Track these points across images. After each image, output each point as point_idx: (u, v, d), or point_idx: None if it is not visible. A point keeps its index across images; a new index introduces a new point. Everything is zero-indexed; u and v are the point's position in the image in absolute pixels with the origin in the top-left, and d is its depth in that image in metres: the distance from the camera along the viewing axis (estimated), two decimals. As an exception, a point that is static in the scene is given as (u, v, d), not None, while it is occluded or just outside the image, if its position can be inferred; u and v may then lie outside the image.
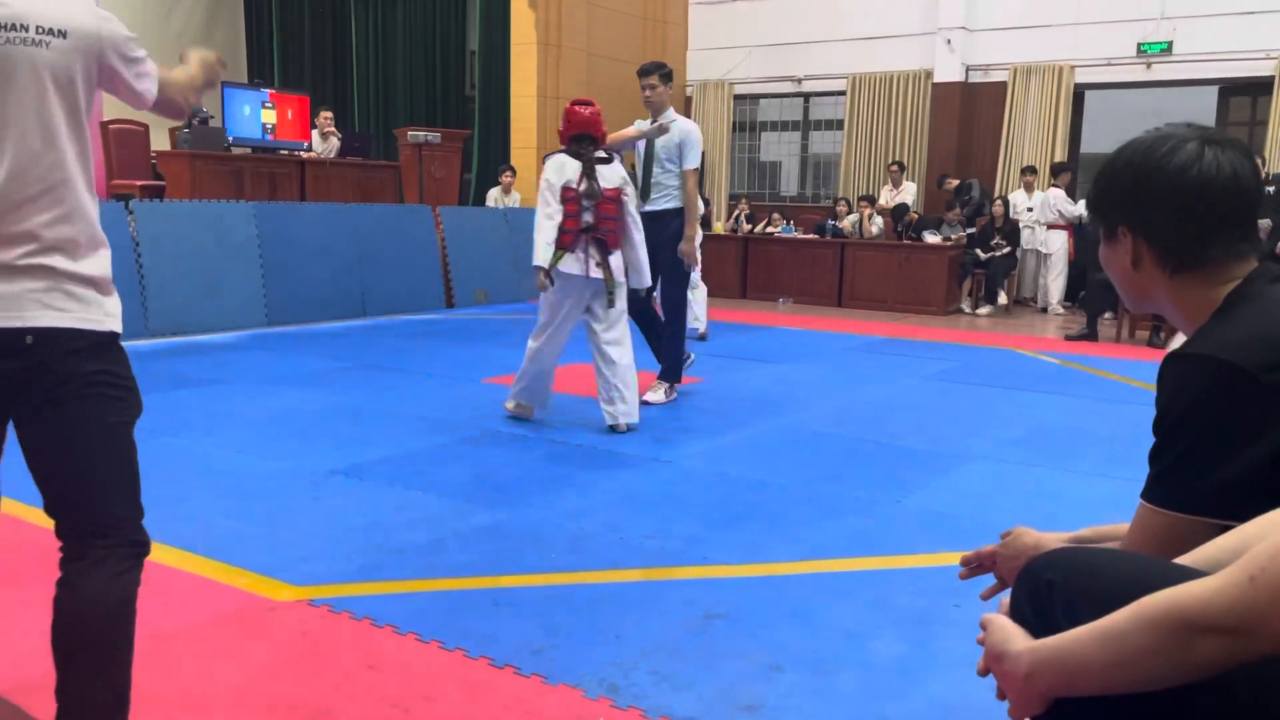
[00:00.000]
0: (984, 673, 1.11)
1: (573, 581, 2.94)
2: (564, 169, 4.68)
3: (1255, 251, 1.31)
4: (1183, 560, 1.11)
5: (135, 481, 1.78)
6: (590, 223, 4.66)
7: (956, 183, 11.56)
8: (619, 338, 4.80)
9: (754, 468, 4.23)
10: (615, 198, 4.75)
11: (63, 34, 1.66)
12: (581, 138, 4.77)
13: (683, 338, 5.69)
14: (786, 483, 4.01)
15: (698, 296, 7.86)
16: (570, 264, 4.64)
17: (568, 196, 4.63)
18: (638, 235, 4.94)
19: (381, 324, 8.58)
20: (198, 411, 4.98)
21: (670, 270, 5.53)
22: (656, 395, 5.51)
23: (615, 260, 4.76)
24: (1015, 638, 1.07)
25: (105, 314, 1.74)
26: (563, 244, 4.62)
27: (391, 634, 2.54)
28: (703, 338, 7.90)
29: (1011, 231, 10.89)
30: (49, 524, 1.78)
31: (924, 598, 2.85)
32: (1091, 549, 1.24)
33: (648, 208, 5.45)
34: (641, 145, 5.50)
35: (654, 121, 5.42)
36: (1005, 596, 1.21)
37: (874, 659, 2.47)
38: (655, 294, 5.77)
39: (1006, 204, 11.07)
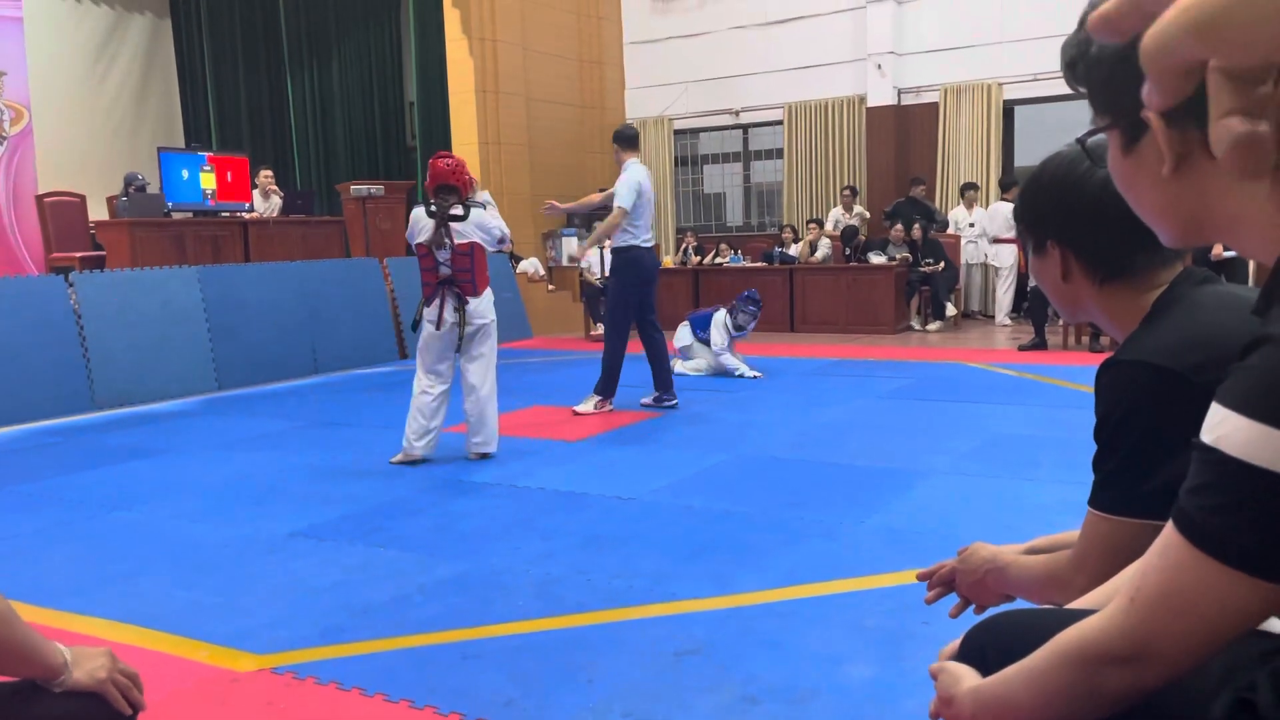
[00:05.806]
0: (935, 716, 1.13)
1: (541, 629, 2.92)
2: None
3: (1179, 257, 1.35)
4: (1092, 597, 1.15)
5: None
6: (448, 274, 4.92)
7: (924, 188, 11.73)
8: (479, 370, 5.02)
9: (717, 498, 4.23)
10: (466, 251, 4.92)
11: None
12: (442, 189, 4.92)
13: (613, 359, 6.27)
14: (750, 511, 4.02)
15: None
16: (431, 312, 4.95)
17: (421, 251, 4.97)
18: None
19: (335, 380, 8.50)
20: (150, 483, 4.89)
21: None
22: (585, 406, 6.28)
23: (472, 305, 4.95)
24: (964, 678, 1.09)
25: None
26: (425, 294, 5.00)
27: (359, 696, 2.49)
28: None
29: (935, 248, 11.05)
30: None
31: (893, 617, 2.86)
32: (1021, 610, 1.27)
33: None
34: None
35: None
36: (950, 645, 1.23)
37: (847, 683, 2.47)
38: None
39: (925, 226, 11.23)
